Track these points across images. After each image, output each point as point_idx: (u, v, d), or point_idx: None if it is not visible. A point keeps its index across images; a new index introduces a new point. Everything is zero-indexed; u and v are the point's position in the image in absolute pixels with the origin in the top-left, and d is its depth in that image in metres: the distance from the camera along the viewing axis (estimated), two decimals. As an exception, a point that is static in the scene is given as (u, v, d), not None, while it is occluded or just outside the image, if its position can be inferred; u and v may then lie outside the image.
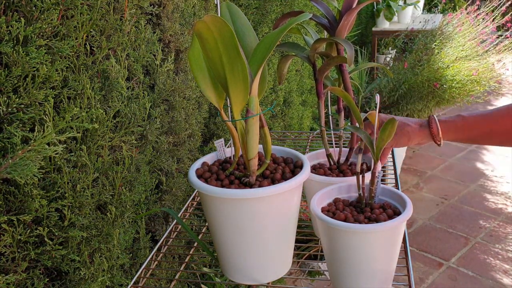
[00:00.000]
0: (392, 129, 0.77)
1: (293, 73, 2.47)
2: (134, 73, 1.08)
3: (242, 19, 0.81)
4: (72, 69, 0.86)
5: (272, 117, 2.21)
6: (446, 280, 2.24)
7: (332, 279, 0.84)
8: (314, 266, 1.76)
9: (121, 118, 1.01)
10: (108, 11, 0.94)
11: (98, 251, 0.95)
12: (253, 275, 0.82)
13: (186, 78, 1.30)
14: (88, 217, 0.90)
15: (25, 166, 0.68)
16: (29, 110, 0.74)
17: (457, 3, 5.10)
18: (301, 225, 1.16)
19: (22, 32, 0.70)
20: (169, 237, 1.09)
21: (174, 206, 1.32)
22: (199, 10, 1.37)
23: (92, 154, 0.91)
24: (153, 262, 1.00)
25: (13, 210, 0.75)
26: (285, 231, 0.81)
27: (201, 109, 1.44)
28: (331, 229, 0.76)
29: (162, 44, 1.22)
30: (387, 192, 0.84)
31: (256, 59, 0.73)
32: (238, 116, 0.77)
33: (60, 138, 0.75)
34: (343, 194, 0.87)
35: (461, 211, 2.78)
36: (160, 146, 1.21)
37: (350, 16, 0.86)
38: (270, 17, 1.91)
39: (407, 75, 3.09)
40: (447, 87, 2.99)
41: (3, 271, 0.75)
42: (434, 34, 3.17)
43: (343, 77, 0.92)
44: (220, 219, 0.77)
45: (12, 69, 0.70)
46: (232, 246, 0.80)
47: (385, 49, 4.72)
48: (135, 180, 1.07)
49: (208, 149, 1.52)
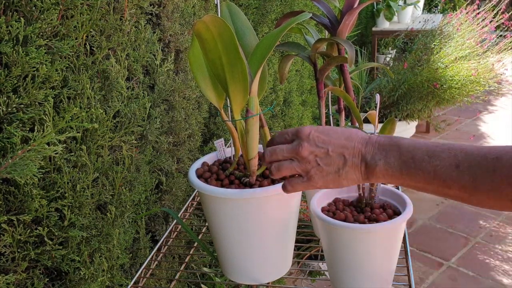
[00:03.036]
0: (391, 129, 0.77)
1: (293, 73, 2.47)
2: (134, 73, 1.07)
3: (242, 19, 0.81)
4: (72, 69, 0.86)
5: (272, 117, 2.21)
6: (446, 280, 2.24)
7: (332, 279, 0.83)
8: (315, 266, 1.76)
9: (121, 118, 1.01)
10: (108, 11, 0.94)
11: (98, 251, 0.95)
12: (253, 275, 0.82)
13: (186, 78, 1.30)
14: (88, 217, 0.90)
15: (25, 166, 0.68)
16: (29, 110, 0.74)
17: (457, 3, 5.10)
18: (301, 225, 1.16)
19: (22, 32, 0.70)
20: (169, 237, 1.09)
21: (174, 206, 1.32)
22: (199, 10, 1.37)
23: (92, 154, 0.91)
24: (153, 262, 1.00)
25: (13, 210, 0.75)
26: (285, 231, 0.81)
27: (201, 109, 1.44)
28: (331, 229, 0.76)
29: (162, 44, 1.22)
30: (387, 192, 0.84)
31: (256, 59, 0.72)
32: (238, 116, 0.77)
33: (60, 138, 0.75)
34: (343, 194, 0.87)
35: (461, 211, 2.78)
36: (160, 146, 1.21)
37: (351, 16, 0.85)
38: (270, 17, 1.91)
39: (407, 75, 3.09)
40: (447, 87, 2.99)
41: (3, 271, 0.75)
42: (434, 34, 3.17)
43: (344, 77, 0.91)
44: (220, 219, 0.77)
45: (12, 69, 0.70)
46: (232, 246, 0.80)
47: (385, 49, 4.72)
48: (135, 180, 1.07)
49: (208, 149, 1.52)
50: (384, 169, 0.57)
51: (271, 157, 0.63)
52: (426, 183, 0.55)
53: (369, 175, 0.59)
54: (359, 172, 0.59)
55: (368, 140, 0.59)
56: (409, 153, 0.56)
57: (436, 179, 0.54)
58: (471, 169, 0.52)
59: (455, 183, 0.53)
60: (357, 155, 0.59)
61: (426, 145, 0.56)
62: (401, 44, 3.70)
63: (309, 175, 0.61)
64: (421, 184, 0.56)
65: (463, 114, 4.08)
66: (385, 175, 0.57)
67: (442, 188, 0.54)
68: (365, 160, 0.58)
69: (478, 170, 0.51)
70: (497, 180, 0.50)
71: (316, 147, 0.60)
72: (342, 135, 0.61)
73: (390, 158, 0.57)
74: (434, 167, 0.54)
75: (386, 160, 0.57)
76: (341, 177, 0.60)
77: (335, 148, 0.60)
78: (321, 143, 0.60)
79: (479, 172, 0.51)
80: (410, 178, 0.56)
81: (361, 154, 0.59)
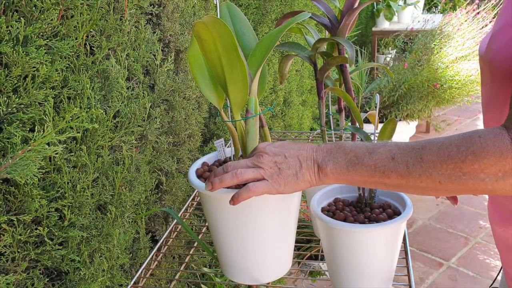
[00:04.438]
0: (392, 129, 0.77)
1: (293, 73, 2.47)
2: (134, 73, 1.07)
3: (242, 19, 0.81)
4: (72, 69, 0.86)
5: (272, 117, 2.21)
6: (446, 280, 2.24)
7: (332, 279, 0.84)
8: (315, 266, 1.76)
9: (121, 118, 1.01)
10: (108, 11, 0.94)
11: (98, 251, 0.95)
12: (253, 275, 0.82)
13: (186, 78, 1.30)
14: (88, 217, 0.90)
15: (25, 166, 0.68)
16: (29, 110, 0.74)
17: (457, 3, 5.09)
18: (301, 225, 1.17)
19: (22, 32, 0.70)
20: (169, 237, 1.09)
21: (174, 206, 1.32)
22: (199, 10, 1.37)
23: (92, 154, 0.91)
24: (153, 262, 1.00)
25: (13, 210, 0.75)
26: (285, 231, 0.81)
27: (201, 109, 1.44)
28: (331, 229, 0.76)
29: (162, 44, 1.22)
30: (387, 192, 0.84)
31: (256, 59, 0.72)
32: (238, 116, 0.77)
33: (60, 138, 0.75)
34: (343, 194, 0.87)
35: (461, 211, 2.78)
36: (160, 146, 1.21)
37: (351, 16, 0.85)
38: (270, 17, 1.91)
39: (407, 75, 3.09)
40: (447, 87, 2.99)
41: (3, 271, 0.75)
42: (434, 34, 3.17)
43: (344, 77, 0.91)
44: (220, 219, 0.77)
45: (12, 69, 0.70)
46: (232, 246, 0.80)
47: (385, 49, 4.72)
48: (135, 180, 1.07)
49: (208, 149, 1.52)
50: (334, 168, 0.65)
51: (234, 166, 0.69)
52: (369, 176, 0.63)
53: (321, 176, 0.66)
54: (313, 173, 0.66)
55: (317, 148, 0.67)
56: (352, 152, 0.64)
57: (377, 171, 0.62)
58: (403, 158, 0.61)
59: (392, 173, 0.61)
60: (310, 158, 0.67)
61: (365, 145, 0.65)
62: (401, 44, 3.70)
63: (273, 178, 0.67)
64: (365, 177, 0.64)
65: (463, 114, 4.08)
66: (334, 173, 0.65)
67: (383, 179, 0.62)
68: (317, 163, 0.66)
69: (409, 159, 0.60)
70: (425, 165, 0.59)
71: (274, 155, 0.67)
72: (294, 145, 0.69)
73: (337, 158, 0.65)
74: (374, 161, 0.62)
75: (334, 161, 0.65)
76: (298, 179, 0.67)
77: (291, 153, 0.67)
78: (278, 151, 0.68)
79: (411, 160, 0.60)
80: (355, 173, 0.64)
81: (313, 158, 0.66)
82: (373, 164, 0.62)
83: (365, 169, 0.63)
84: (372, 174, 0.63)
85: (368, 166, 0.63)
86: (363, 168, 0.63)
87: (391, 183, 0.63)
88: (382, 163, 0.62)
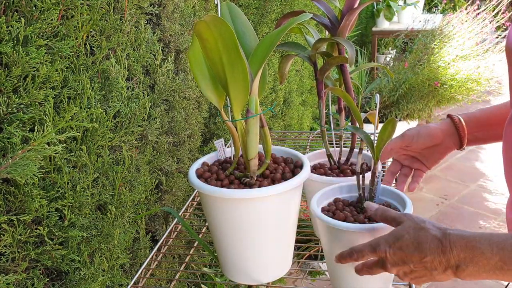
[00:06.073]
0: (392, 129, 0.77)
1: (293, 73, 2.47)
2: (134, 73, 1.07)
3: (242, 19, 0.81)
4: (72, 69, 0.86)
5: (272, 117, 2.21)
6: (446, 280, 2.24)
7: (332, 279, 0.83)
8: (315, 266, 1.76)
9: (121, 118, 1.01)
10: (108, 11, 0.94)
11: (98, 251, 0.95)
12: (253, 275, 0.82)
13: (186, 78, 1.30)
14: (88, 217, 0.90)
15: (25, 166, 0.68)
16: (29, 110, 0.74)
17: (457, 3, 5.10)
18: (301, 225, 1.17)
19: (22, 32, 0.70)
20: (169, 237, 1.09)
21: (174, 206, 1.32)
22: (199, 10, 1.37)
23: (92, 154, 0.91)
24: (153, 262, 1.00)
25: (13, 210, 0.75)
26: (285, 231, 0.81)
27: (201, 109, 1.44)
28: (331, 229, 0.76)
29: (162, 44, 1.22)
30: (387, 192, 0.84)
31: (256, 59, 0.72)
32: (238, 116, 0.77)
33: (60, 138, 0.75)
34: (343, 194, 0.87)
35: (461, 211, 2.78)
36: (160, 146, 1.21)
37: (351, 16, 0.85)
38: (270, 17, 1.91)
39: (407, 74, 3.09)
40: (448, 86, 2.99)
41: (3, 271, 0.75)
42: (434, 34, 3.17)
43: (344, 77, 0.91)
44: (220, 219, 0.77)
45: (12, 69, 0.70)
46: (232, 246, 0.80)
47: (385, 49, 4.72)
48: (135, 180, 1.07)
49: (208, 149, 1.52)
50: (476, 271, 0.62)
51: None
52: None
53: (459, 275, 0.64)
54: (448, 275, 0.64)
55: (442, 249, 0.63)
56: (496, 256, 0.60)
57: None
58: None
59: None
60: (439, 266, 0.64)
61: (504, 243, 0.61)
62: (401, 44, 3.70)
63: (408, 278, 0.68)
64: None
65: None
66: (476, 276, 0.63)
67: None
68: (450, 268, 0.63)
69: None
70: None
71: (398, 266, 0.66)
72: (413, 247, 0.65)
73: (478, 263, 0.62)
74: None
75: (477, 264, 0.62)
76: (435, 277, 0.65)
77: (415, 264, 0.65)
78: (400, 261, 0.66)
79: None
80: (503, 277, 0.62)
81: (443, 264, 0.63)
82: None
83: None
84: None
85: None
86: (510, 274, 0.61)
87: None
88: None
